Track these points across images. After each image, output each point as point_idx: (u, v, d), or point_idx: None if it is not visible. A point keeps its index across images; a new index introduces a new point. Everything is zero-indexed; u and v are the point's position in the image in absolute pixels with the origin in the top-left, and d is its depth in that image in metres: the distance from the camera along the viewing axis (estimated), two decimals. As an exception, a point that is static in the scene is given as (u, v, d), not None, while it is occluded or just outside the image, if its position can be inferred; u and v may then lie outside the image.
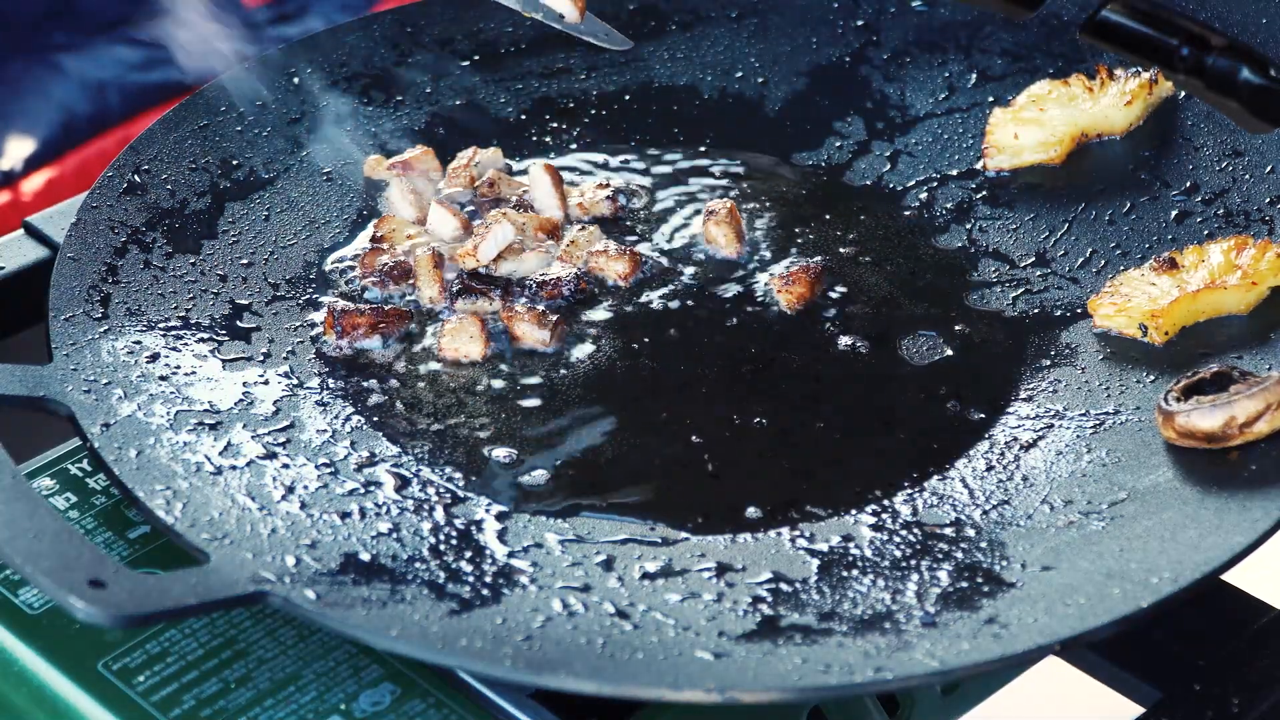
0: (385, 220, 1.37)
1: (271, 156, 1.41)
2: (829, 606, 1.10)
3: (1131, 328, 1.27)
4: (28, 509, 1.08)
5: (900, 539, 1.15)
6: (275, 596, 1.06)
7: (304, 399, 1.24)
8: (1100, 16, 1.52)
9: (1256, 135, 1.38)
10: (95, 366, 1.21)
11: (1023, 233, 1.38)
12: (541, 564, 1.13)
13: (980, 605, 1.09)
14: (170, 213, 1.35)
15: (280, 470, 1.18)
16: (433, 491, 1.18)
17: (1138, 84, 1.40)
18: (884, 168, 1.43)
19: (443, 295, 1.32)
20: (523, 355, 1.29)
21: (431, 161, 1.41)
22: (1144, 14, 1.60)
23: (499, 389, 1.27)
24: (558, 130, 1.46)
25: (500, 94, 1.48)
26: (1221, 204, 1.35)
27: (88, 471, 1.23)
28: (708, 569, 1.13)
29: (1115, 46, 1.56)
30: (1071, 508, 1.16)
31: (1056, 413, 1.24)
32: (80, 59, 2.23)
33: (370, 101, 1.46)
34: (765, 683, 1.04)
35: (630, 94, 1.49)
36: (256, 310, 1.30)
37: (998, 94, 1.45)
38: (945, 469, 1.21)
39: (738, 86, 1.49)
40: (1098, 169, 1.40)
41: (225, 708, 1.09)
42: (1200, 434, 1.17)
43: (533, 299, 1.32)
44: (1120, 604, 1.07)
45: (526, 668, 1.04)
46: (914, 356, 1.30)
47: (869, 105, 1.47)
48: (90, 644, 1.12)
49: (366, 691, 1.11)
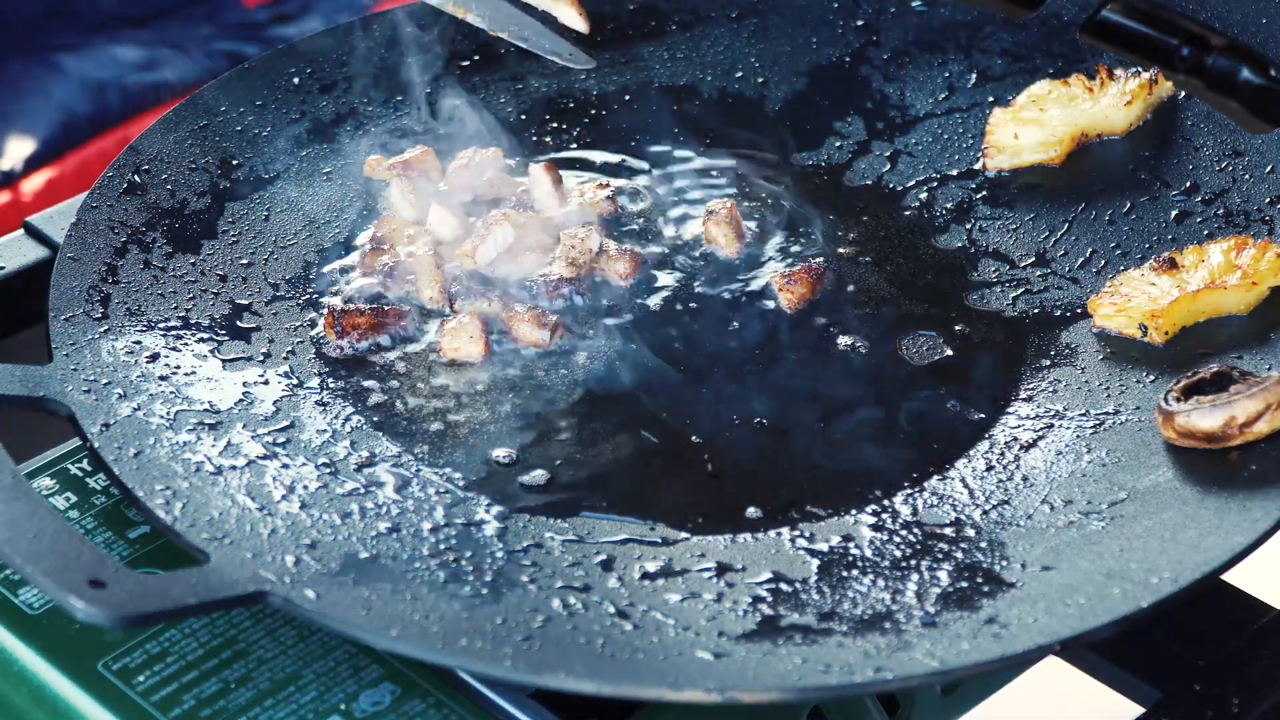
0: (385, 220, 1.37)
1: (271, 156, 1.41)
2: (829, 606, 1.10)
3: (1131, 328, 1.27)
4: (28, 509, 1.08)
5: (900, 539, 1.15)
6: (275, 596, 1.06)
7: (304, 399, 1.24)
8: (1100, 16, 1.52)
9: (1256, 135, 1.38)
10: (95, 366, 1.21)
11: (1023, 233, 1.38)
12: (541, 564, 1.13)
13: (980, 605, 1.09)
14: (170, 213, 1.35)
15: (280, 470, 1.18)
16: (433, 491, 1.18)
17: (1137, 84, 1.40)
18: (884, 168, 1.43)
19: (442, 295, 1.32)
20: (523, 355, 1.29)
21: (432, 161, 1.41)
22: (1144, 14, 1.60)
23: (499, 389, 1.27)
24: (558, 130, 1.46)
25: (500, 94, 1.48)
26: (1221, 204, 1.35)
27: (88, 471, 1.23)
28: (708, 569, 1.13)
29: (1115, 46, 1.56)
30: (1071, 508, 1.16)
31: (1056, 413, 1.24)
32: (80, 59, 2.23)
33: (370, 101, 1.46)
34: (765, 683, 1.04)
35: (630, 94, 1.49)
36: (256, 310, 1.30)
37: (998, 94, 1.45)
38: (945, 469, 1.21)
39: (738, 86, 1.49)
40: (1098, 169, 1.40)
41: (225, 708, 1.09)
42: (1200, 434, 1.17)
43: (533, 299, 1.32)
44: (1120, 604, 1.07)
45: (526, 668, 1.04)
46: (914, 356, 1.30)
47: (869, 105, 1.47)
48: (90, 644, 1.12)
49: (366, 691, 1.11)
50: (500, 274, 1.34)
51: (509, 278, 1.34)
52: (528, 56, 1.49)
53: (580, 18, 1.38)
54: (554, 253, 1.35)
